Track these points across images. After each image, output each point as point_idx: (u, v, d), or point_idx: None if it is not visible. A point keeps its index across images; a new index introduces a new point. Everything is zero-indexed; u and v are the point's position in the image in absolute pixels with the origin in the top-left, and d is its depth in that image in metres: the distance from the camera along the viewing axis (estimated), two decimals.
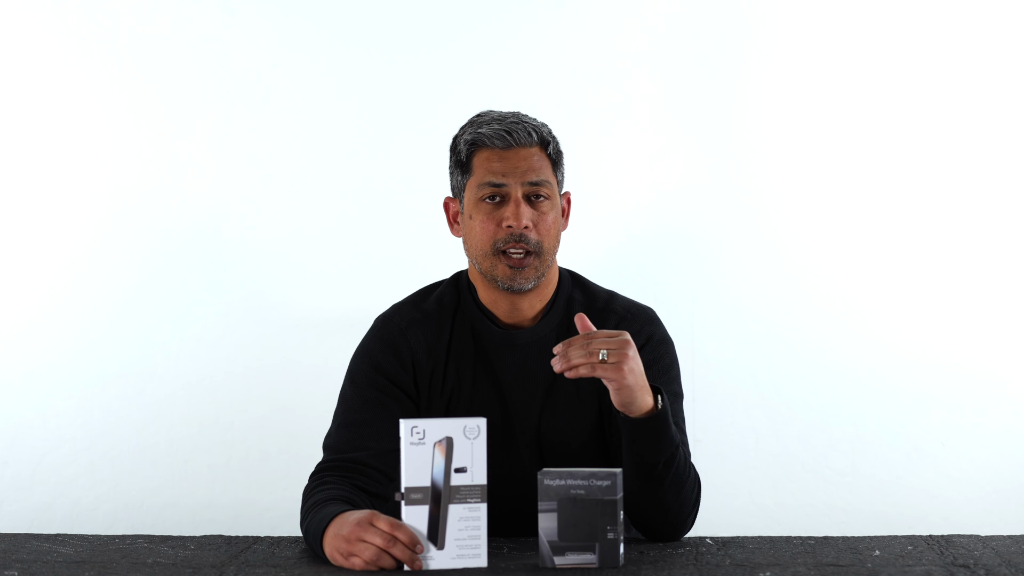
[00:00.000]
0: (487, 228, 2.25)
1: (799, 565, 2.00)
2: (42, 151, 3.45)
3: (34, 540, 2.22)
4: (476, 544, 1.99)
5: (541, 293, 2.31)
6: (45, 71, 3.44)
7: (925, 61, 3.42)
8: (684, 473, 2.18)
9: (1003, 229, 3.42)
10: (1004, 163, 3.42)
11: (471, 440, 1.99)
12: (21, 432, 3.45)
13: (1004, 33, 3.41)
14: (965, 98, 3.41)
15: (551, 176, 2.28)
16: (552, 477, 1.98)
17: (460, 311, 2.32)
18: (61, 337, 3.45)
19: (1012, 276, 3.41)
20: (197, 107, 3.45)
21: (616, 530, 1.98)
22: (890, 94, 3.42)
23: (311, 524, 2.09)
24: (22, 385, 3.45)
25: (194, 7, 3.46)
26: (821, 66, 3.43)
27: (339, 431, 2.27)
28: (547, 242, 2.26)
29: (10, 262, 3.45)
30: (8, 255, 3.46)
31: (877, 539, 2.17)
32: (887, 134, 3.43)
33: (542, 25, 3.45)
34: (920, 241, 3.42)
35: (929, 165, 3.42)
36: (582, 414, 2.27)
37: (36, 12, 3.44)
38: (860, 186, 3.43)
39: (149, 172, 3.45)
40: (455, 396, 2.28)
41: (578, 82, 3.44)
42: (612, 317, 2.31)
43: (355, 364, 2.32)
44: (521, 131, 2.26)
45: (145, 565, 2.05)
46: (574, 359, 2.05)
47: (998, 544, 2.12)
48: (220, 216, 3.46)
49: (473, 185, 2.27)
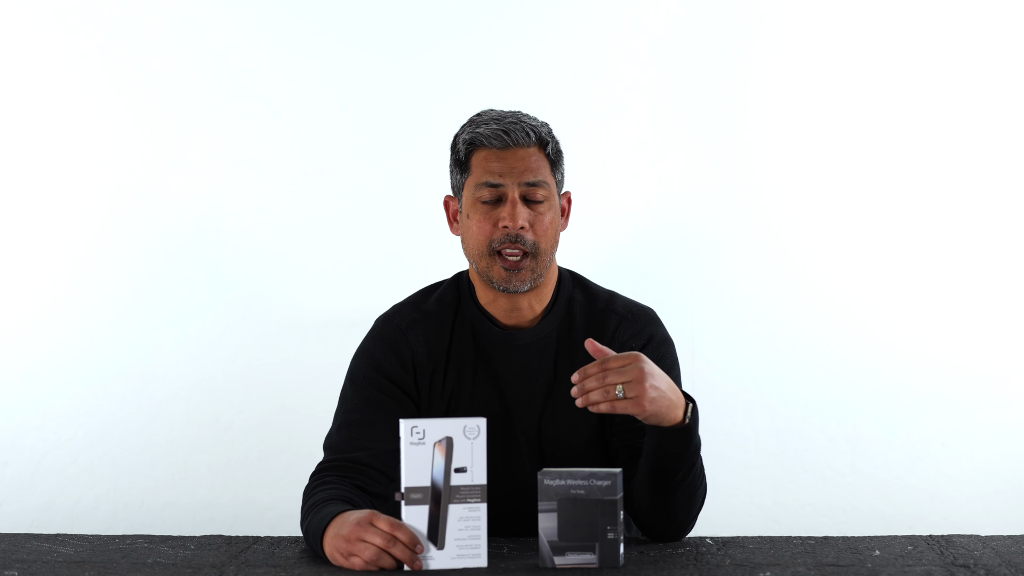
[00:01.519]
0: (483, 228, 2.25)
1: (799, 565, 2.00)
2: (42, 151, 3.45)
3: (34, 540, 2.22)
4: (476, 544, 1.99)
5: (540, 293, 2.30)
6: (45, 71, 3.44)
7: (925, 61, 3.42)
8: (699, 479, 2.18)
9: (1003, 229, 3.42)
10: (1004, 163, 3.42)
11: (471, 440, 1.99)
12: (21, 432, 3.45)
13: (1004, 33, 3.41)
14: (965, 98, 3.41)
15: (549, 176, 2.27)
16: (552, 477, 1.98)
17: (461, 311, 2.32)
18: (61, 337, 3.45)
19: (1012, 276, 3.41)
20: (197, 107, 3.45)
21: (616, 530, 1.98)
22: (890, 94, 3.42)
23: (311, 524, 2.09)
24: (22, 385, 3.45)
25: (194, 7, 3.45)
26: (821, 66, 3.43)
27: (339, 431, 2.27)
28: (544, 243, 2.25)
29: (10, 262, 3.45)
30: (8, 255, 3.46)
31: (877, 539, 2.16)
32: (887, 134, 3.43)
33: (543, 25, 3.45)
34: (920, 241, 3.42)
35: (929, 165, 3.42)
36: (583, 414, 2.26)
37: (36, 12, 3.44)
38: (860, 186, 3.43)
39: (149, 172, 3.45)
40: (455, 396, 2.28)
41: (578, 82, 3.44)
42: (613, 317, 2.31)
43: (356, 364, 2.32)
44: (519, 131, 2.25)
45: (145, 565, 2.05)
46: (592, 396, 2.03)
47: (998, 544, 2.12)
48: (220, 216, 3.46)
49: (471, 185, 2.26)
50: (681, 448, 2.11)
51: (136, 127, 3.45)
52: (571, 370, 2.25)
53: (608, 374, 2.02)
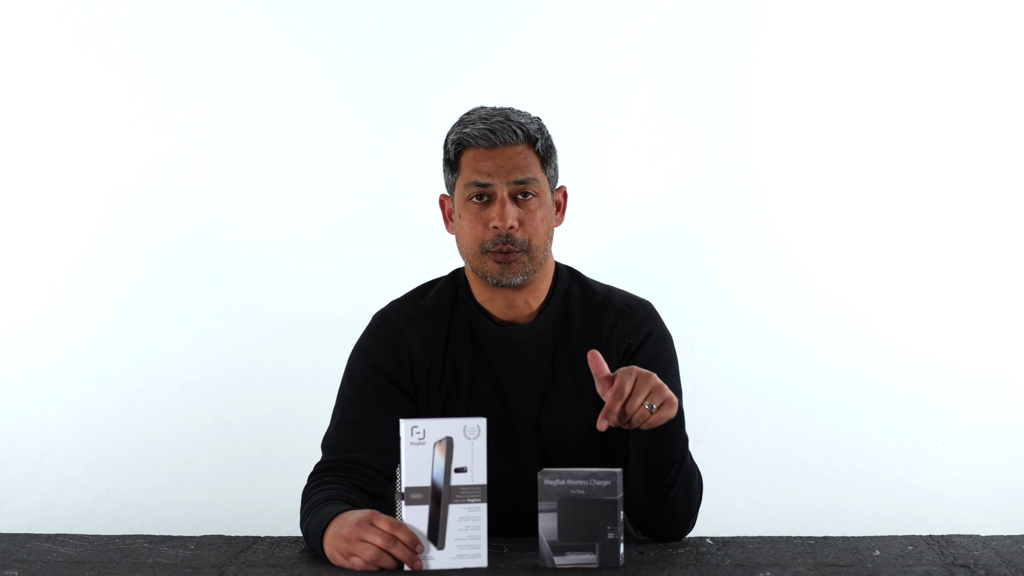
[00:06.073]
0: (475, 228, 2.24)
1: (799, 565, 2.00)
2: (42, 152, 3.46)
3: (34, 540, 2.22)
4: (476, 544, 1.99)
5: (536, 289, 2.30)
6: (44, 71, 3.44)
7: (925, 61, 3.42)
8: (692, 473, 2.19)
9: (1003, 229, 3.42)
10: (1003, 163, 3.42)
11: (471, 440, 1.99)
12: (21, 432, 3.45)
13: (1004, 33, 3.41)
14: (965, 98, 3.41)
15: (539, 173, 2.25)
16: (552, 477, 1.98)
17: (458, 308, 2.31)
18: (61, 337, 3.45)
19: (1012, 276, 3.41)
20: (197, 107, 3.45)
21: (616, 530, 1.98)
22: (890, 94, 3.42)
23: (311, 524, 2.09)
24: (22, 385, 3.45)
25: (194, 8, 3.46)
26: (821, 65, 3.43)
27: (337, 431, 2.26)
28: (536, 240, 2.24)
29: (10, 262, 3.46)
30: (8, 255, 3.46)
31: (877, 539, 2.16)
32: (887, 134, 3.43)
33: (542, 24, 3.45)
34: (920, 241, 3.43)
35: (929, 165, 3.42)
36: (582, 408, 2.26)
37: (36, 13, 3.44)
38: (860, 186, 3.43)
39: (149, 172, 3.45)
40: (453, 393, 2.28)
41: (578, 81, 3.44)
42: (610, 312, 2.30)
43: (353, 362, 2.31)
44: (506, 130, 2.23)
45: (145, 565, 2.05)
46: (634, 424, 2.04)
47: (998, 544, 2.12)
48: (219, 216, 3.46)
49: (461, 184, 2.26)
50: (672, 442, 2.12)
51: (136, 127, 3.45)
52: (569, 365, 2.25)
53: (630, 402, 2.03)
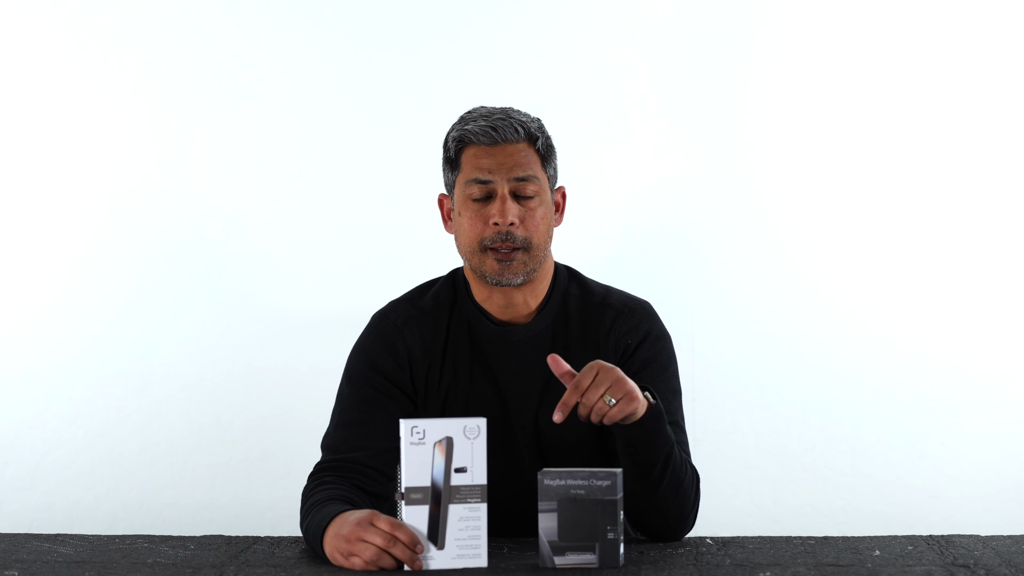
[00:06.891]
0: (475, 226, 2.25)
1: (799, 565, 2.00)
2: (42, 152, 3.46)
3: (34, 540, 2.22)
4: (476, 544, 1.99)
5: (535, 289, 2.30)
6: (44, 71, 3.44)
7: (925, 61, 3.42)
8: (681, 471, 2.17)
9: (1003, 229, 3.42)
10: (1003, 163, 3.42)
11: (471, 440, 1.99)
12: (21, 432, 3.45)
13: (1004, 33, 3.41)
14: (965, 98, 3.41)
15: (540, 172, 2.26)
16: (552, 477, 1.98)
17: (456, 308, 2.31)
18: (61, 337, 3.45)
19: (1012, 276, 3.41)
20: (196, 107, 3.45)
21: (616, 530, 1.98)
22: (890, 93, 3.42)
23: (311, 524, 2.09)
24: (22, 385, 3.45)
25: (193, 7, 3.46)
26: (821, 65, 3.43)
27: (337, 431, 2.27)
28: (535, 238, 2.25)
29: (10, 262, 3.46)
30: (8, 255, 3.46)
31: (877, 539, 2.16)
32: (887, 134, 3.43)
33: (542, 24, 3.45)
34: (920, 241, 3.43)
35: (929, 165, 3.42)
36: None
37: (36, 13, 3.44)
38: (860, 186, 3.43)
39: (149, 172, 3.45)
40: (452, 393, 2.28)
41: (578, 81, 3.44)
42: (609, 312, 2.30)
43: (352, 362, 2.32)
44: (507, 127, 2.24)
45: (145, 565, 2.05)
46: (593, 419, 2.04)
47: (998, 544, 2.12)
48: (220, 216, 3.46)
49: (461, 182, 2.26)
50: (652, 441, 2.11)
51: (135, 128, 3.45)
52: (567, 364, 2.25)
53: (587, 394, 2.03)
